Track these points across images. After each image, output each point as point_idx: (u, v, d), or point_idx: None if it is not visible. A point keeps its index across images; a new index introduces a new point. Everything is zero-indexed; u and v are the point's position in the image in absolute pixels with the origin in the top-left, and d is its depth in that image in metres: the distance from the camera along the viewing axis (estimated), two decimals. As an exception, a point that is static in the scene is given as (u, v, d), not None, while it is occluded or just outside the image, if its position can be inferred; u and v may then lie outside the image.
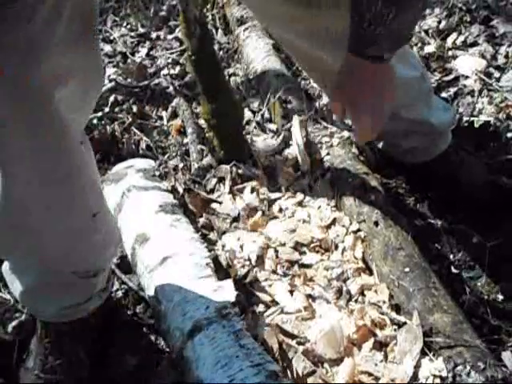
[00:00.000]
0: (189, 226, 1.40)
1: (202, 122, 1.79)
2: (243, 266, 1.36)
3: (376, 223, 1.35)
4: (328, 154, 1.56)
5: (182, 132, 1.87)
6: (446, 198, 1.50)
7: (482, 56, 1.93)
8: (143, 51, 2.39)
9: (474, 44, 1.99)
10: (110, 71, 2.25)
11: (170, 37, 2.46)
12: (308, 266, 1.36)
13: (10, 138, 0.93)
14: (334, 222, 1.43)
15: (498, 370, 1.11)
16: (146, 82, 2.13)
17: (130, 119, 1.93)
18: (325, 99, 1.82)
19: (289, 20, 1.29)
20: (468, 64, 1.91)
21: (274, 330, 1.20)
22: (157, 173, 1.62)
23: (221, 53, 2.18)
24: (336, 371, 1.15)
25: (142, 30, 2.55)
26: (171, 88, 2.07)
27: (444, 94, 1.83)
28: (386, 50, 1.11)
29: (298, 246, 1.40)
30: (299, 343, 1.20)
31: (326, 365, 1.16)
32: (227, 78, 2.01)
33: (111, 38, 2.52)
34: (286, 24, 1.32)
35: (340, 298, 1.28)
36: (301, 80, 1.97)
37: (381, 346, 1.18)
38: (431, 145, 1.52)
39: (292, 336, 1.22)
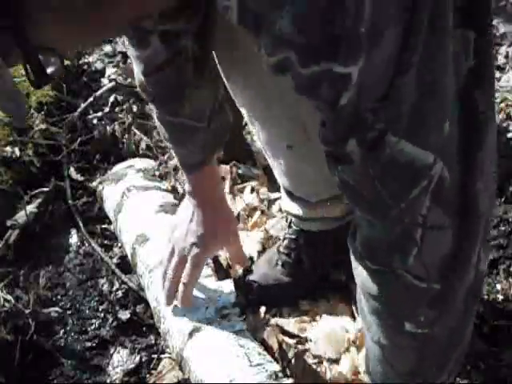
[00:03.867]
0: None
1: (202, 122, 1.79)
2: (243, 266, 1.36)
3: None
4: (328, 153, 1.55)
5: (182, 132, 1.87)
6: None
7: (482, 56, 1.92)
8: (143, 51, 2.39)
9: (474, 44, 1.98)
10: (110, 71, 2.24)
11: (170, 37, 2.45)
12: (308, 266, 1.36)
13: None
14: (334, 221, 1.43)
15: (497, 370, 1.11)
16: (146, 82, 2.12)
17: (130, 119, 1.92)
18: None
19: None
20: (468, 64, 1.91)
21: (274, 330, 1.20)
22: (157, 173, 1.62)
23: (221, 53, 2.18)
24: (336, 371, 1.15)
25: (142, 30, 2.55)
26: (171, 88, 2.06)
27: (444, 94, 1.83)
28: None
29: (298, 246, 1.40)
30: (299, 343, 1.20)
31: (326, 364, 1.16)
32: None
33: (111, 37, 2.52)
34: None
35: (341, 297, 1.28)
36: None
37: (381, 345, 1.18)
38: None
39: (292, 336, 1.21)
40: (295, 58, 0.56)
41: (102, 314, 1.35)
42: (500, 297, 1.29)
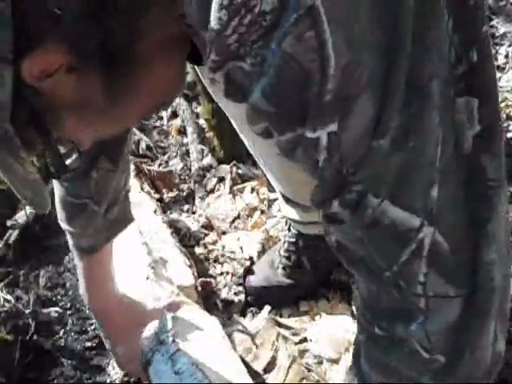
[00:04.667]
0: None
1: (202, 121, 1.79)
2: (243, 266, 1.36)
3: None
4: (328, 153, 1.55)
5: (182, 132, 1.87)
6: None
7: (482, 56, 1.92)
8: (143, 51, 2.39)
9: (474, 44, 1.98)
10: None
11: (170, 37, 2.45)
12: (308, 266, 1.36)
13: None
14: (334, 221, 1.43)
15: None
16: (146, 82, 2.12)
17: (130, 119, 1.93)
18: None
19: None
20: (468, 64, 1.91)
21: (270, 322, 1.21)
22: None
23: (221, 53, 2.18)
24: (336, 370, 1.15)
25: (142, 30, 2.55)
26: (171, 88, 2.06)
27: (444, 94, 1.83)
28: None
29: (298, 246, 1.40)
30: (301, 342, 1.20)
31: (326, 364, 1.16)
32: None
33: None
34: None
35: (341, 297, 1.28)
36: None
37: (381, 345, 1.18)
38: None
39: (292, 334, 1.22)
40: (271, 127, 0.58)
41: (102, 314, 1.35)
42: (500, 297, 1.29)
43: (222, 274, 1.36)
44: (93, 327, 1.33)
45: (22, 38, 0.53)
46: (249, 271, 1.34)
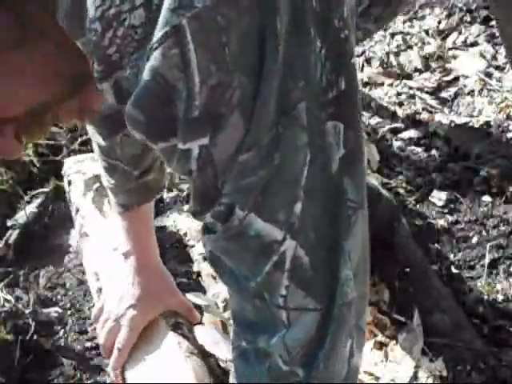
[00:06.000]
0: None
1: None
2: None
3: (376, 223, 1.35)
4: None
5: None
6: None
7: (482, 56, 1.93)
8: (143, 51, 2.39)
9: (474, 44, 1.98)
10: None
11: (170, 37, 2.45)
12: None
13: None
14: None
15: (497, 370, 1.12)
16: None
17: (130, 119, 1.93)
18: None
19: None
20: (468, 64, 1.91)
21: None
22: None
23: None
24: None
25: (142, 30, 2.54)
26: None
27: (444, 94, 1.83)
28: None
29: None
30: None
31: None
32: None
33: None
34: None
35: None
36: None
37: (381, 345, 1.18)
38: None
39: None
40: (145, 136, 0.60)
41: (102, 314, 1.35)
42: (500, 297, 1.29)
43: (222, 274, 1.36)
44: (93, 327, 1.33)
45: None
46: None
